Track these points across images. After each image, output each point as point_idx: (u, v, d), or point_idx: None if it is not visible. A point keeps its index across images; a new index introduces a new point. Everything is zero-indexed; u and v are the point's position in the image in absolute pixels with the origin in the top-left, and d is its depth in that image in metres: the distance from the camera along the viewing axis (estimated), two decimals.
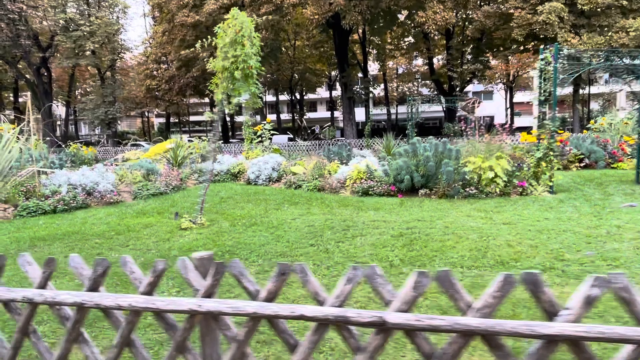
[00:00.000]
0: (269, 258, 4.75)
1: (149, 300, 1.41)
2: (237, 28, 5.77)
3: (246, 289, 1.45)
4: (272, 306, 1.32)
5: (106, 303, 1.43)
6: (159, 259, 1.50)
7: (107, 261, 1.54)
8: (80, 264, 1.62)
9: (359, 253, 4.76)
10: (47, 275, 1.62)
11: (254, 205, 8.14)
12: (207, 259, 1.51)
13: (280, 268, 1.40)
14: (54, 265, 1.63)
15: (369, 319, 1.21)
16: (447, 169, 7.60)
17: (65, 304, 1.48)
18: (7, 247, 5.70)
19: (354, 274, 1.33)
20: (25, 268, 1.64)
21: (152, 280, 1.51)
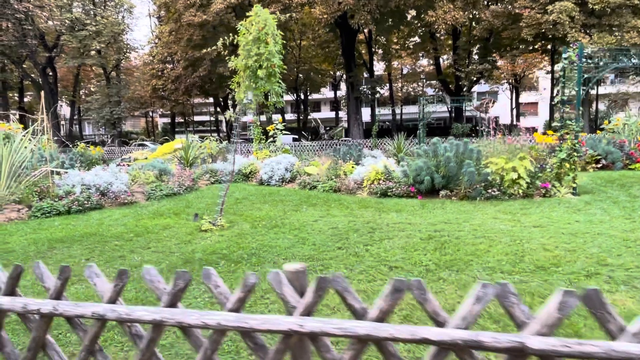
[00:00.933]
0: (296, 261, 4.60)
1: (241, 318, 1.27)
2: (260, 25, 5.63)
3: (351, 307, 1.31)
4: (388, 327, 1.17)
5: (190, 321, 1.29)
6: (250, 273, 1.36)
7: (188, 274, 1.40)
8: (156, 276, 1.48)
9: (390, 257, 4.61)
10: (118, 289, 1.48)
11: (271, 206, 8.00)
12: (301, 272, 1.37)
13: (395, 284, 1.26)
14: (127, 279, 1.49)
15: (507, 344, 1.07)
16: (469, 169, 7.45)
17: (141, 322, 1.34)
18: (26, 249, 5.58)
19: (484, 292, 1.19)
20: (93, 280, 1.50)
21: (242, 295, 1.37)
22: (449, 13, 19.75)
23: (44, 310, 1.42)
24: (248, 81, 5.73)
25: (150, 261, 4.84)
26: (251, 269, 4.41)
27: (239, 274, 4.29)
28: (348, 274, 4.14)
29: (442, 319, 1.21)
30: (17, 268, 1.57)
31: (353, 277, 4.08)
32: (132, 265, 4.71)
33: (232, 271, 4.38)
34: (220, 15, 24.39)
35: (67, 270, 1.53)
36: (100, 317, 1.38)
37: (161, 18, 36.31)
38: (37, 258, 5.17)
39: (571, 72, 7.74)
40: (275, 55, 5.65)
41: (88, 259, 5.03)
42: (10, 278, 1.58)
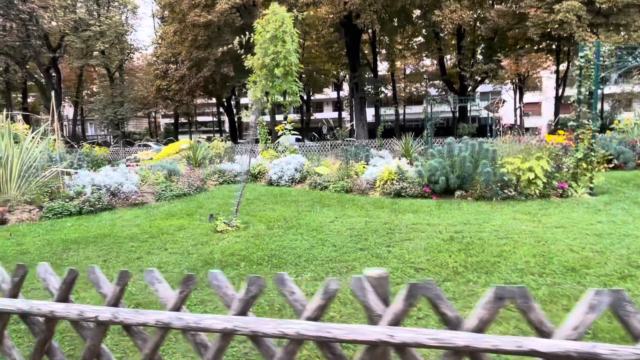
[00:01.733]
0: (319, 263, 4.52)
1: (322, 327, 1.18)
2: (277, 24, 5.56)
3: (444, 316, 1.22)
4: (490, 338, 1.09)
5: (266, 330, 1.21)
6: (332, 278, 1.28)
7: (262, 280, 1.31)
8: (225, 281, 1.39)
9: (414, 258, 4.52)
10: (184, 296, 1.39)
11: (283, 206, 7.91)
12: (384, 277, 1.28)
13: (497, 292, 1.17)
14: (193, 285, 1.40)
15: (629, 358, 0.98)
16: (486, 169, 7.36)
17: (210, 331, 1.26)
18: (41, 250, 5.50)
19: (599, 300, 1.10)
20: (155, 286, 1.42)
21: (322, 303, 1.28)
22: (456, 12, 19.65)
23: (103, 317, 1.34)
24: (265, 80, 5.64)
25: (169, 262, 4.76)
26: (273, 271, 4.32)
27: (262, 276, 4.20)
28: None
29: (547, 329, 1.12)
30: (72, 272, 1.49)
31: None
32: (151, 267, 4.62)
33: (254, 273, 4.29)
34: (225, 16, 24.34)
35: (127, 275, 1.45)
36: (165, 325, 1.29)
37: (164, 19, 36.29)
38: (52, 259, 5.10)
39: (587, 70, 7.64)
40: (292, 54, 5.57)
41: (105, 260, 4.96)
42: (65, 283, 1.49)
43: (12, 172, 7.85)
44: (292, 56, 5.68)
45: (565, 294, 3.48)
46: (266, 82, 5.75)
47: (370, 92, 31.05)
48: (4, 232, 6.66)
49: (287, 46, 5.56)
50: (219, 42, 25.71)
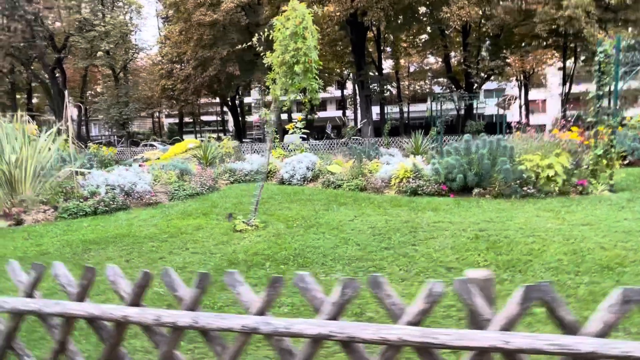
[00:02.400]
0: (345, 262, 4.46)
1: (427, 333, 1.11)
2: (297, 20, 5.48)
3: (562, 320, 1.15)
4: (619, 344, 1.01)
5: (365, 335, 1.13)
6: (434, 281, 1.21)
7: (356, 282, 1.24)
8: (313, 284, 1.31)
9: (442, 257, 4.45)
10: (270, 299, 1.32)
11: (299, 205, 7.85)
12: (489, 280, 1.21)
13: (626, 294, 1.10)
14: (280, 288, 1.32)
15: None
16: (505, 167, 7.27)
17: (303, 336, 1.19)
18: (60, 250, 5.46)
19: None
20: (237, 289, 1.35)
21: (425, 307, 1.21)
22: (464, 9, 19.51)
23: (182, 323, 1.27)
24: (284, 77, 5.57)
25: (193, 262, 4.70)
26: (301, 270, 4.26)
27: (289, 275, 4.14)
28: (405, 276, 3.98)
29: None
30: (146, 275, 1.42)
31: (410, 278, 3.92)
32: (176, 267, 4.57)
33: (280, 273, 4.23)
34: (230, 15, 24.28)
35: (207, 278, 1.38)
36: (251, 330, 1.22)
37: (168, 18, 36.25)
38: (73, 260, 5.05)
39: (607, 65, 7.53)
40: (312, 51, 5.50)
41: (127, 261, 4.91)
42: (138, 287, 1.43)
43: (26, 172, 7.82)
44: (312, 53, 5.61)
45: (606, 292, 3.40)
46: (286, 80, 5.68)
47: (375, 90, 30.92)
48: (21, 232, 6.63)
49: (308, 43, 5.49)
50: (224, 41, 25.67)
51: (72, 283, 1.54)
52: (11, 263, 1.59)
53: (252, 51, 30.64)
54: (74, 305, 1.40)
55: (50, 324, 1.54)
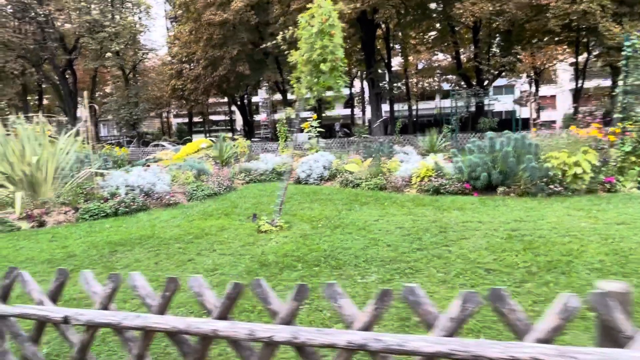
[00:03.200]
0: (379, 264, 4.36)
1: (566, 352, 1.01)
2: (323, 17, 5.39)
3: None
4: None
5: (492, 354, 1.00)
6: (569, 294, 1.12)
7: (478, 296, 1.15)
8: (424, 297, 1.22)
9: (479, 259, 4.34)
10: (378, 314, 1.24)
11: (320, 205, 7.77)
12: (627, 293, 1.11)
13: None
14: (390, 301, 1.23)
15: None
16: (531, 165, 7.12)
17: (418, 354, 1.10)
18: (87, 252, 5.43)
19: None
20: (338, 302, 1.27)
21: (559, 323, 1.11)
22: (477, 5, 19.26)
23: (279, 338, 1.19)
24: (309, 76, 5.49)
25: (223, 264, 4.64)
26: (334, 273, 4.18)
27: (324, 278, 4.06)
28: (444, 278, 3.88)
29: None
30: (237, 287, 1.34)
31: (451, 281, 3.82)
32: (206, 269, 4.52)
33: (314, 275, 4.15)
34: (240, 14, 24.23)
35: (305, 290, 1.29)
36: (358, 347, 1.13)
37: (177, 18, 36.33)
38: (100, 262, 5.02)
39: (636, 60, 7.35)
40: (338, 48, 5.41)
41: (156, 263, 4.86)
42: (228, 299, 1.35)
43: (47, 174, 7.82)
44: (338, 51, 5.51)
45: None
46: (311, 78, 5.59)
47: (385, 88, 30.74)
48: (44, 234, 6.62)
49: (335, 40, 5.40)
50: (234, 40, 25.63)
51: (152, 294, 1.46)
52: (84, 273, 1.52)
53: (261, 50, 30.65)
54: (157, 318, 1.33)
55: (126, 337, 1.48)
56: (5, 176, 7.40)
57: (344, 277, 4.06)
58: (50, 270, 4.74)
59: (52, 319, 1.44)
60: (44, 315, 1.44)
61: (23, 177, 7.43)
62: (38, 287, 1.54)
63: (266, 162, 12.75)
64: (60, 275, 1.54)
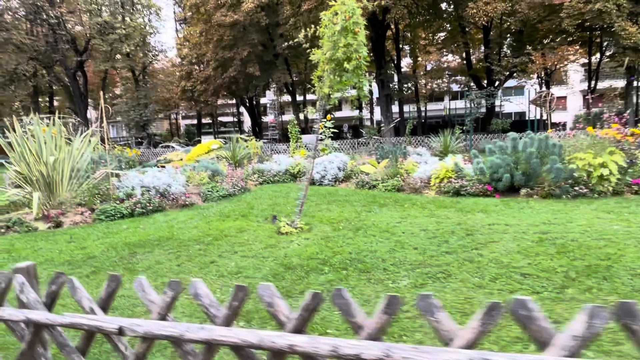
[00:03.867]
0: (409, 268, 4.22)
1: None
2: (347, 14, 5.27)
3: None
4: None
5: None
6: None
7: (605, 312, 1.03)
8: (538, 311, 1.09)
9: (513, 263, 4.19)
10: (484, 330, 1.11)
11: (338, 206, 7.65)
12: None
13: None
14: (499, 316, 1.10)
15: None
16: (556, 166, 6.94)
17: None
18: (106, 254, 5.35)
19: None
20: (434, 316, 1.15)
21: None
22: (490, 4, 19.05)
23: (368, 356, 1.04)
24: (332, 75, 5.37)
25: (247, 267, 4.53)
26: (363, 277, 4.05)
27: (353, 282, 3.93)
28: (480, 283, 3.74)
29: None
30: (316, 297, 1.22)
31: (487, 285, 3.67)
32: (230, 272, 4.41)
33: (342, 279, 4.03)
34: (251, 15, 24.22)
35: (397, 302, 1.17)
36: None
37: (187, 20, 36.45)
38: (121, 264, 4.93)
39: None
40: (362, 47, 5.29)
41: (179, 265, 4.76)
42: (306, 310, 1.23)
43: (63, 174, 7.78)
44: (362, 49, 5.39)
45: None
46: (334, 77, 5.48)
47: (395, 89, 30.55)
48: (62, 235, 6.56)
49: (359, 38, 5.28)
50: (244, 41, 25.62)
51: (216, 304, 1.34)
52: (139, 280, 1.41)
53: (271, 51, 30.64)
54: (223, 330, 1.21)
55: (184, 350, 1.36)
56: (23, 176, 7.37)
57: (373, 281, 3.93)
58: (70, 272, 4.67)
59: (105, 330, 1.33)
60: (96, 326, 1.33)
61: (40, 177, 7.39)
62: (88, 295, 1.43)
63: (279, 163, 12.66)
64: (112, 281, 1.43)
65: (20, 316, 1.35)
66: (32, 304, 1.44)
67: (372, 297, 3.53)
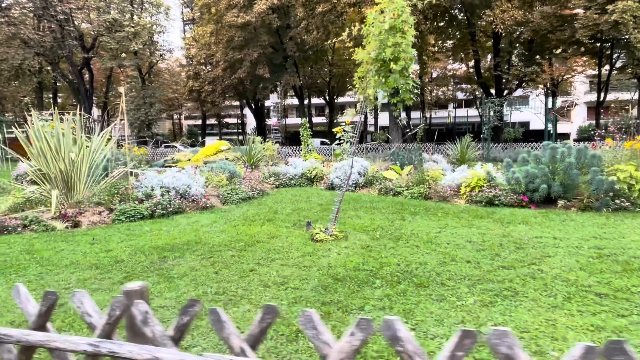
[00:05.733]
0: (469, 283, 3.93)
1: None
2: (396, 12, 5.02)
3: None
4: None
5: None
6: None
7: None
8: None
9: (579, 280, 3.90)
10: None
11: (366, 213, 7.36)
12: None
13: None
14: None
15: None
16: (598, 177, 6.68)
17: None
18: (134, 258, 5.04)
19: None
20: None
21: None
22: (507, 12, 18.89)
23: None
24: (377, 75, 5.10)
25: (291, 277, 4.23)
26: (422, 292, 3.76)
27: (413, 299, 3.64)
28: (554, 302, 3.45)
29: None
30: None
31: (563, 306, 3.38)
32: (275, 282, 4.11)
33: (400, 294, 3.73)
34: (262, 17, 24.03)
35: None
36: None
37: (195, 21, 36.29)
38: (153, 270, 4.63)
39: None
40: (410, 47, 5.02)
41: (216, 272, 4.46)
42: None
43: (81, 172, 7.48)
44: (410, 49, 5.13)
45: None
46: (379, 78, 5.21)
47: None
48: (82, 236, 6.25)
49: (408, 37, 5.02)
50: (255, 43, 25.41)
51: (421, 353, 1.03)
52: (308, 313, 1.06)
53: (281, 54, 30.42)
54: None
55: None
56: (42, 173, 7.07)
57: (434, 297, 3.64)
58: (100, 277, 4.36)
59: None
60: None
61: (59, 174, 7.09)
62: (237, 331, 1.12)
63: (295, 166, 12.38)
64: (267, 314, 1.12)
65: (145, 355, 1.05)
66: (159, 339, 1.15)
67: (442, 317, 3.23)
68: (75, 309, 1.13)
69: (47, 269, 4.70)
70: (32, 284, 4.21)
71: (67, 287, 4.10)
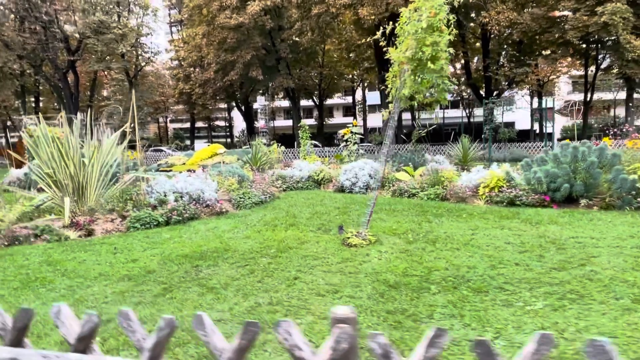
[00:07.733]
0: (529, 287, 3.82)
1: None
2: (433, 11, 4.91)
3: None
4: None
5: None
6: None
7: None
8: None
9: (639, 281, 3.84)
10: None
11: (389, 216, 7.24)
12: None
13: None
14: None
15: None
16: (621, 176, 6.70)
17: None
18: (166, 268, 4.80)
19: None
20: None
21: None
22: (502, 13, 19.10)
23: None
24: (413, 75, 4.99)
25: (340, 285, 4.06)
26: (485, 298, 3.63)
27: (479, 305, 3.51)
28: (625, 304, 3.36)
29: None
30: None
31: (634, 307, 3.30)
32: (327, 291, 3.93)
33: (462, 300, 3.60)
34: (255, 18, 23.79)
35: None
36: None
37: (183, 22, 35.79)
38: (190, 280, 4.39)
39: None
40: (446, 46, 4.93)
41: (259, 281, 4.26)
42: None
43: (92, 178, 7.16)
44: (446, 48, 5.03)
45: None
46: (415, 77, 5.09)
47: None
48: (99, 245, 5.95)
49: (446, 36, 4.92)
50: (247, 44, 25.14)
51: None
52: None
53: (273, 55, 30.20)
54: None
55: None
56: (52, 180, 6.73)
57: (499, 303, 3.52)
58: (137, 289, 4.12)
59: None
60: None
61: (70, 180, 6.76)
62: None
63: (300, 169, 12.20)
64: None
65: None
66: None
67: (519, 323, 3.11)
68: (282, 341, 0.93)
69: (75, 281, 4.43)
70: (66, 299, 3.94)
71: (105, 302, 3.84)
